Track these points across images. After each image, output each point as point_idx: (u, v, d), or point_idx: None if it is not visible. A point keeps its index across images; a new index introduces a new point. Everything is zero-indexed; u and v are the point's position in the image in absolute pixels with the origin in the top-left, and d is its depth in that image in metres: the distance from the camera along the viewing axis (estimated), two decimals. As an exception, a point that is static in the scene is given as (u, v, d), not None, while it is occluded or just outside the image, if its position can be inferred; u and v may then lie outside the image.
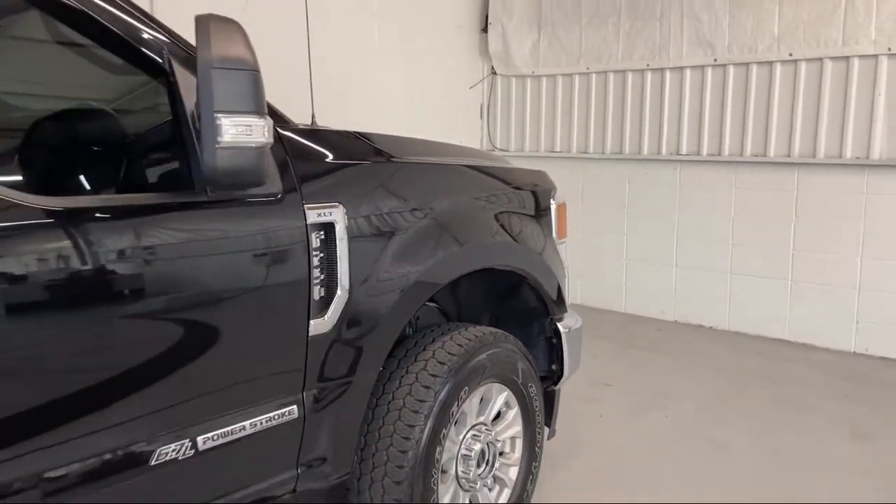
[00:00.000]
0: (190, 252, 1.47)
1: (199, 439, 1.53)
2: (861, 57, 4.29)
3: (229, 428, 1.58)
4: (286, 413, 1.69)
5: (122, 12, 1.49)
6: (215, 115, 1.26)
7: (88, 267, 1.30)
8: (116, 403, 1.39)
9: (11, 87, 2.22)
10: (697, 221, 5.08)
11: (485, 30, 5.98)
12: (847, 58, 4.33)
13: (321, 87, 3.45)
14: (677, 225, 5.18)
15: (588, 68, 5.50)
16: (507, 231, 2.37)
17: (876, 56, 4.23)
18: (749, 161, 4.80)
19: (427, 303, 2.41)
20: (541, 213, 2.59)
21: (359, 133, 2.04)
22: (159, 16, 1.61)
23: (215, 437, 1.56)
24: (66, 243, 1.27)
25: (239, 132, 1.29)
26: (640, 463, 3.07)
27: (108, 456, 1.38)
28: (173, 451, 1.48)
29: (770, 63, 4.63)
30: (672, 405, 3.70)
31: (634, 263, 5.45)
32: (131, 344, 1.40)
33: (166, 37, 1.53)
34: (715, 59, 4.85)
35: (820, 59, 4.43)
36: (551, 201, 2.65)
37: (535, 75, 5.84)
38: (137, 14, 1.52)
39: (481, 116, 6.18)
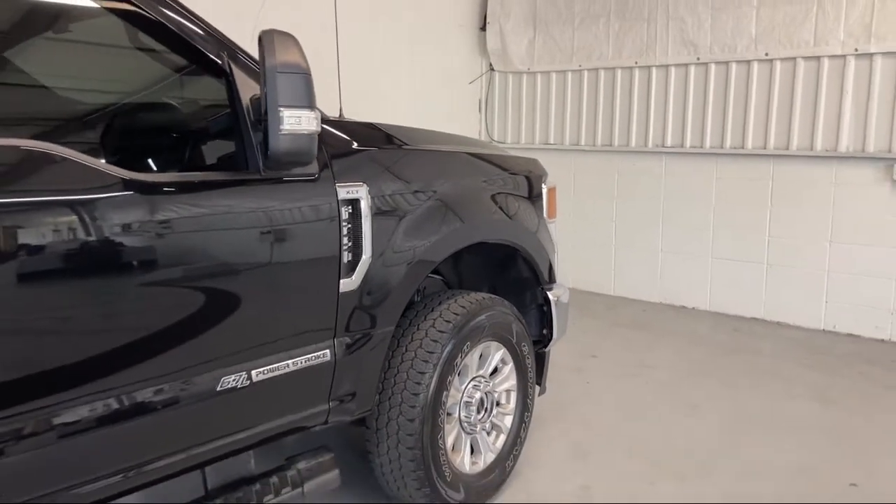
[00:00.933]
0: (248, 221, 1.82)
1: (254, 372, 1.88)
2: (830, 57, 4.64)
3: (276, 365, 1.93)
4: (320, 356, 2.04)
5: (192, 23, 1.84)
6: (279, 108, 1.62)
7: (176, 230, 1.66)
8: (198, 340, 1.75)
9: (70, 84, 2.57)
10: (681, 209, 5.44)
11: (483, 28, 6.31)
12: (818, 58, 4.68)
13: (333, 80, 3.79)
14: (662, 212, 5.54)
15: (580, 66, 5.85)
16: (502, 210, 2.72)
17: (844, 56, 4.58)
18: (728, 153, 5.16)
19: (431, 275, 2.76)
20: (533, 195, 2.95)
21: (377, 123, 2.39)
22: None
23: (265, 372, 1.91)
24: (163, 209, 1.63)
25: (295, 122, 1.64)
26: (622, 420, 3.44)
27: (187, 381, 1.74)
28: (233, 380, 1.84)
29: (748, 62, 4.98)
30: (653, 373, 4.07)
31: (622, 248, 5.81)
32: (207, 293, 1.76)
33: (227, 44, 1.88)
34: (698, 58, 5.20)
35: (793, 59, 4.78)
36: (543, 185, 3.01)
37: (530, 72, 6.19)
38: (204, 25, 1.86)
39: (480, 110, 6.53)
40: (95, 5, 1.85)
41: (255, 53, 1.78)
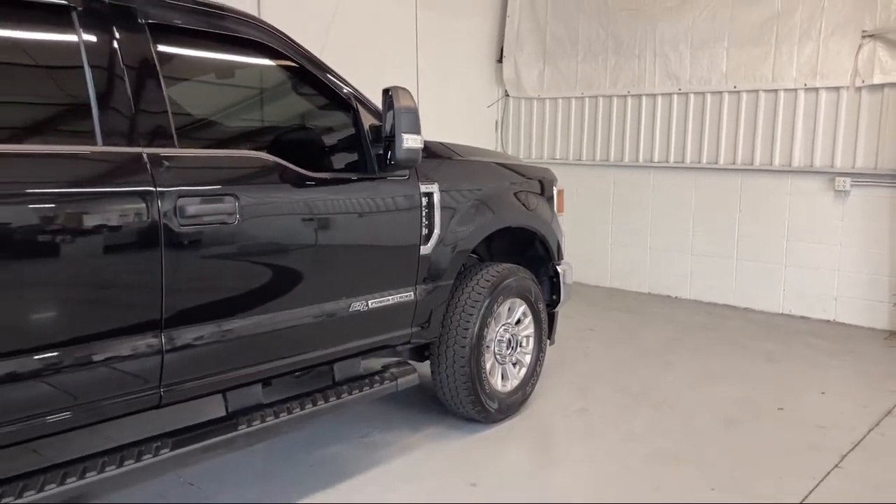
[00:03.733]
0: (371, 205, 2.87)
1: (370, 302, 2.92)
2: (785, 90, 5.70)
3: (383, 298, 2.98)
4: (408, 295, 3.09)
5: (331, 75, 2.88)
6: (402, 133, 2.67)
7: (334, 209, 2.71)
8: (344, 279, 2.80)
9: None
10: (666, 214, 6.49)
11: (500, 61, 7.43)
12: (776, 90, 5.74)
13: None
14: (650, 217, 6.59)
15: (582, 94, 6.93)
16: (524, 205, 3.76)
17: (796, 90, 5.64)
18: (705, 167, 6.21)
19: (470, 254, 3.79)
20: (546, 194, 3.99)
21: (442, 142, 3.44)
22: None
23: (377, 302, 2.95)
24: (326, 194, 2.68)
25: (410, 141, 2.69)
26: (612, 371, 4.46)
27: (334, 305, 2.79)
28: (359, 305, 2.88)
29: (720, 93, 6.05)
30: (639, 342, 5.10)
31: (617, 247, 6.86)
32: (348, 254, 2.81)
33: (353, 90, 2.93)
34: (679, 89, 6.27)
35: (756, 91, 5.85)
36: (554, 188, 4.06)
37: (540, 98, 7.27)
38: (339, 77, 2.91)
39: (496, 130, 7.61)
40: (272, 63, 2.89)
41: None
